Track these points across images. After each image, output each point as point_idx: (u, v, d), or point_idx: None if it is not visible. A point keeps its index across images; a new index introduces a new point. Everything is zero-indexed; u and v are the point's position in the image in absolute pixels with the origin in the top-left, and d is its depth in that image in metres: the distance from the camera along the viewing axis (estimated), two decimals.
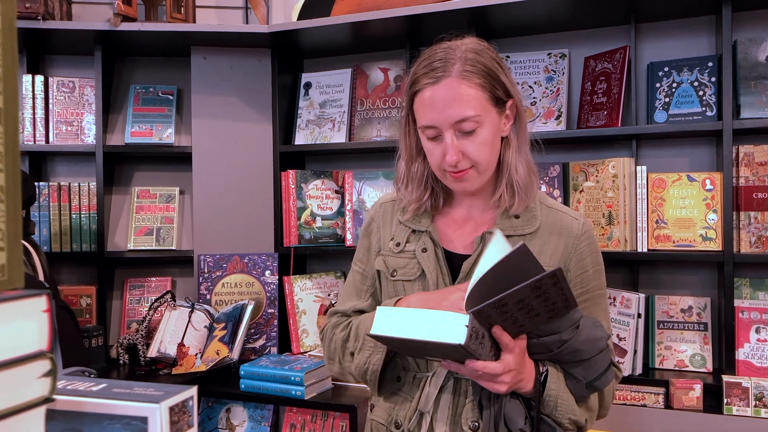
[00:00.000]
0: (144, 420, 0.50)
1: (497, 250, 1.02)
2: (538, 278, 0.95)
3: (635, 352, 2.01)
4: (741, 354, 1.92)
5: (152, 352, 2.29)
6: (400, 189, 1.28)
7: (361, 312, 1.29)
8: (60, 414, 0.52)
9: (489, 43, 1.20)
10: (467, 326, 0.95)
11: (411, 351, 1.12)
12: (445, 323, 0.97)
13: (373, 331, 1.03)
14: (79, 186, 2.53)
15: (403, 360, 1.23)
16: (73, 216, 2.52)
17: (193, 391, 0.54)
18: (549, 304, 1.01)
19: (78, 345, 2.00)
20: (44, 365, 0.47)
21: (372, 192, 2.40)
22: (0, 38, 0.47)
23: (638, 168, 2.05)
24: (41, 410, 0.47)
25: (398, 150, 1.28)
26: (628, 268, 2.18)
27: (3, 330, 0.44)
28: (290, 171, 2.45)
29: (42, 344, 0.47)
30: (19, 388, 0.45)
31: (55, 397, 0.48)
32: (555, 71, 2.26)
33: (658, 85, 2.10)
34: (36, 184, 2.50)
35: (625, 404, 1.96)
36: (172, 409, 0.51)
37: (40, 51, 2.61)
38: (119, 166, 2.68)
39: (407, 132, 1.24)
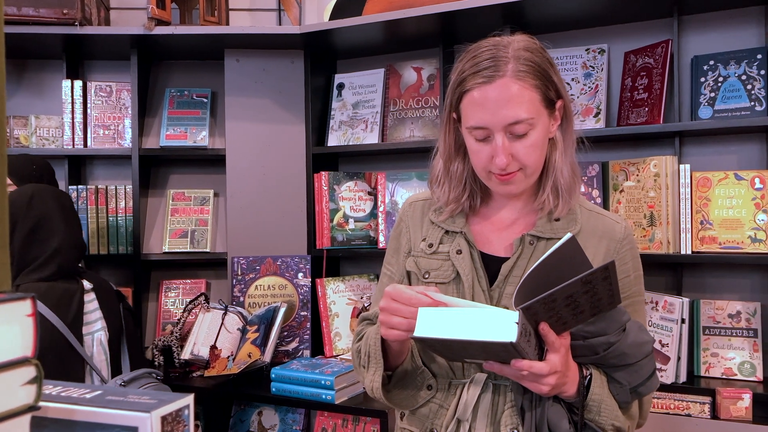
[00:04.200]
0: (135, 429, 0.47)
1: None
2: (591, 272, 0.91)
3: (679, 358, 1.92)
4: None
5: (186, 354, 2.30)
6: (435, 189, 1.24)
7: None
8: (51, 422, 0.49)
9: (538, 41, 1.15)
10: (518, 323, 0.91)
11: (453, 353, 1.07)
12: (494, 321, 0.93)
13: (416, 334, 0.99)
14: (116, 189, 2.57)
15: (435, 367, 1.19)
16: (110, 218, 2.56)
17: (188, 400, 0.51)
18: (595, 300, 0.97)
19: (139, 347, 2.03)
20: (29, 372, 0.45)
21: (405, 193, 2.36)
22: None
23: (681, 167, 1.96)
24: (26, 419, 0.45)
25: (435, 148, 1.24)
26: (671, 271, 2.09)
27: None
28: (323, 173, 2.44)
29: (26, 350, 0.44)
30: (1, 396, 0.43)
31: (40, 404, 0.46)
32: (593, 67, 2.19)
33: (702, 79, 2.01)
34: (74, 187, 2.55)
35: (668, 413, 1.88)
36: (164, 418, 0.48)
37: (79, 56, 2.66)
38: (155, 169, 2.71)
39: (448, 130, 1.20)
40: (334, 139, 2.53)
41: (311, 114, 2.49)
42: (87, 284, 1.78)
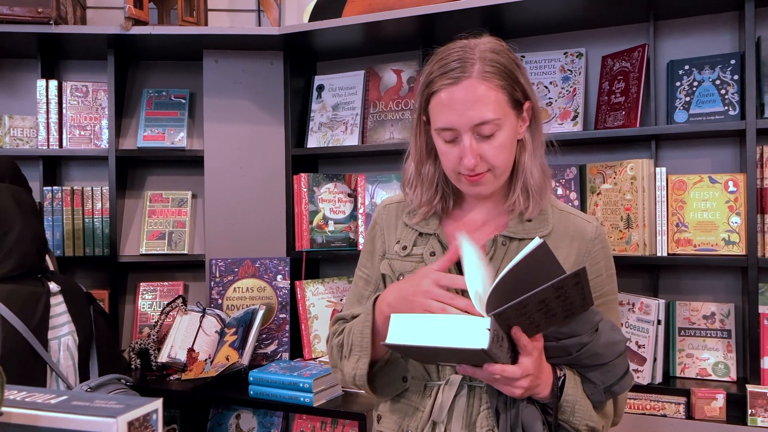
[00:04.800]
0: None
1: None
2: (562, 278, 0.92)
3: (655, 359, 1.94)
4: (766, 362, 1.84)
5: (163, 357, 2.28)
6: (408, 192, 1.24)
7: None
8: (15, 428, 0.48)
9: (506, 43, 1.16)
10: (489, 330, 0.92)
11: (426, 357, 1.09)
12: (465, 327, 0.93)
13: (388, 341, 0.99)
14: (92, 190, 2.53)
15: (410, 367, 1.19)
16: (86, 220, 2.53)
17: (157, 405, 0.51)
18: (567, 304, 0.97)
19: (113, 350, 1.99)
20: None
21: (385, 195, 2.36)
22: None
23: (657, 169, 1.99)
24: None
25: (407, 151, 1.25)
26: (647, 273, 2.11)
27: None
28: (302, 174, 2.43)
29: None
30: None
31: (3, 410, 0.45)
32: (571, 71, 2.21)
33: (678, 83, 2.03)
34: (49, 188, 2.52)
35: (644, 414, 1.90)
36: (131, 423, 0.47)
37: (54, 56, 2.62)
38: (132, 170, 2.68)
39: (418, 133, 1.21)
40: (313, 141, 2.52)
41: (291, 115, 2.48)
42: (54, 287, 1.74)
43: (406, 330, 0.97)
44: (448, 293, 1.03)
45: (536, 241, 0.95)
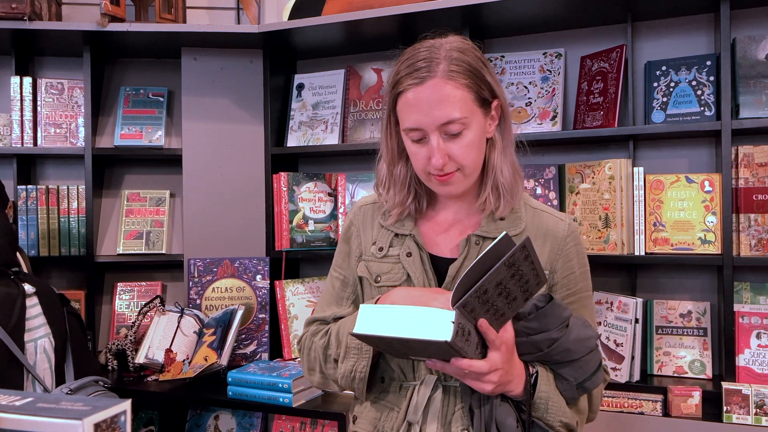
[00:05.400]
0: None
1: None
2: (512, 253, 0.94)
3: (633, 358, 1.96)
4: (741, 360, 1.87)
5: (140, 358, 2.25)
6: (382, 193, 1.24)
7: None
8: None
9: (478, 43, 1.17)
10: (453, 322, 0.92)
11: (395, 350, 1.09)
12: (430, 320, 0.94)
13: (356, 330, 0.99)
14: (68, 189, 2.50)
15: (387, 367, 1.19)
16: (62, 219, 2.49)
17: (125, 406, 0.49)
18: (523, 282, 0.99)
19: (87, 352, 1.96)
20: None
21: (365, 194, 2.35)
22: None
23: (635, 169, 2.00)
24: None
25: (379, 152, 1.24)
26: (626, 272, 2.13)
27: None
28: (282, 173, 2.41)
29: None
30: None
31: None
32: (551, 71, 2.22)
33: (655, 84, 2.05)
34: (24, 187, 2.48)
35: (622, 412, 1.91)
36: (98, 425, 0.46)
37: (29, 52, 2.58)
38: (109, 168, 2.64)
39: (389, 134, 1.20)
40: (293, 140, 2.51)
41: (270, 114, 2.47)
42: (29, 288, 1.71)
43: (374, 321, 0.98)
44: None
45: (500, 235, 0.96)
